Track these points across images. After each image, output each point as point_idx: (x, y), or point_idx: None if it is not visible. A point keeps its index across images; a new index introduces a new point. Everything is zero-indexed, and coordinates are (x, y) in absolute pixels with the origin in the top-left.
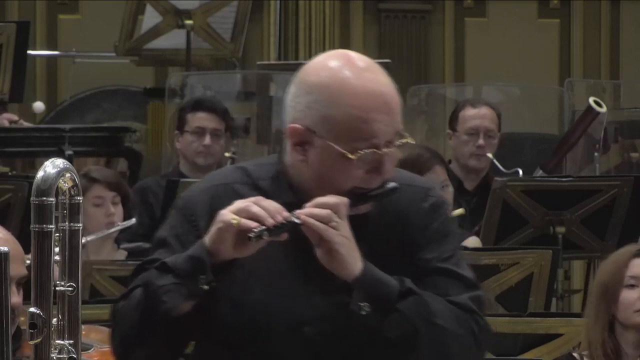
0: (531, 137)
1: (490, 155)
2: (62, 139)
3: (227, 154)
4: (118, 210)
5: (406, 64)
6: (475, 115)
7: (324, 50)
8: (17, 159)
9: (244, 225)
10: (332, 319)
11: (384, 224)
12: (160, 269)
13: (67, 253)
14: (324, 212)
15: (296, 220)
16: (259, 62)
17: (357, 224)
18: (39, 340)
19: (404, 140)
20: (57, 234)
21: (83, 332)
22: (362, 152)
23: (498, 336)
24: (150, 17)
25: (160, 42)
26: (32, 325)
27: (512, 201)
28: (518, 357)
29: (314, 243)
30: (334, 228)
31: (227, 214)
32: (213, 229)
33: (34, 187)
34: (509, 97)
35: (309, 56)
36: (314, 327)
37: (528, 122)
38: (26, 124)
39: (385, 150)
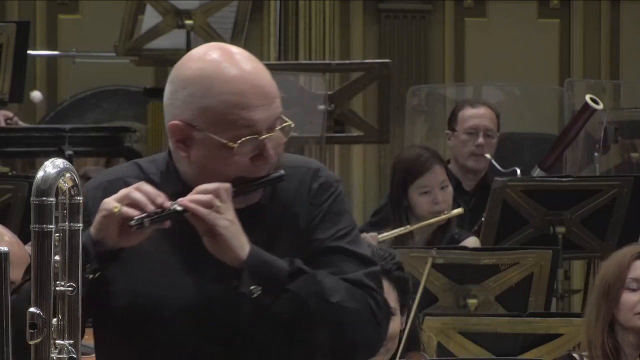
0: (531, 137)
1: (488, 155)
2: (62, 139)
3: None
4: None
5: (406, 64)
6: (475, 115)
7: (324, 50)
8: (17, 159)
9: (125, 213)
10: (223, 302)
11: (277, 210)
12: None
13: (67, 253)
14: (205, 197)
15: (178, 208)
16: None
17: (252, 213)
18: (39, 340)
19: (285, 124)
20: (57, 234)
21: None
22: (243, 139)
23: (498, 336)
24: (150, 17)
25: (160, 42)
26: (32, 325)
27: (512, 201)
28: (518, 357)
29: (200, 231)
30: (217, 212)
31: (110, 202)
32: (97, 217)
33: (34, 187)
34: (509, 97)
35: (309, 56)
36: (206, 312)
37: (528, 122)
38: (22, 123)
39: (266, 135)
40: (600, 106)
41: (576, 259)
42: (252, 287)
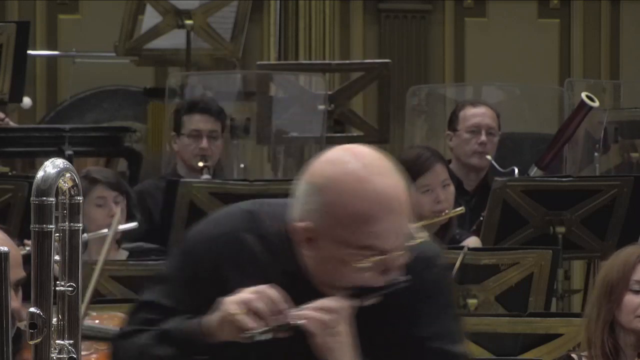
0: (531, 137)
1: (489, 157)
2: (62, 139)
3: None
4: (120, 210)
5: (406, 64)
6: (476, 114)
7: (324, 50)
8: (17, 159)
9: (243, 323)
10: None
11: (388, 306)
12: (160, 337)
13: (67, 253)
14: (326, 317)
15: (298, 322)
16: (259, 62)
17: (365, 311)
18: (39, 340)
19: (414, 242)
20: (57, 234)
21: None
22: (368, 259)
23: (498, 336)
24: (150, 17)
25: (160, 42)
26: (32, 325)
27: (512, 201)
28: (518, 357)
29: (312, 339)
30: (333, 334)
31: (230, 306)
32: (214, 316)
33: (34, 187)
34: (509, 97)
35: (309, 56)
36: None
37: (528, 122)
38: (12, 124)
39: (393, 254)
40: (596, 104)
41: (576, 259)
42: None
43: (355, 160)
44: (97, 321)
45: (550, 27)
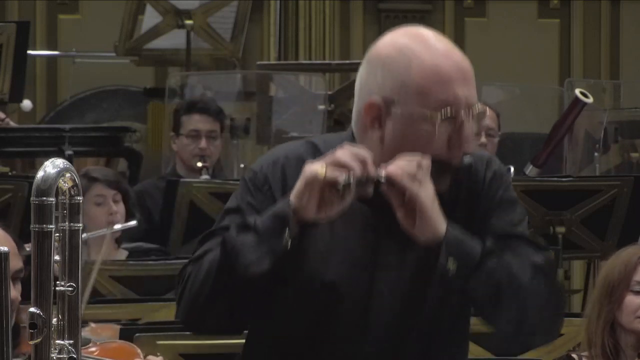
0: (531, 137)
1: None
2: (62, 139)
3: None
4: (120, 208)
5: None
6: None
7: (324, 50)
8: (17, 159)
9: (330, 176)
10: (414, 280)
11: (454, 197)
12: (240, 228)
13: (67, 253)
14: (411, 168)
15: (382, 178)
16: (259, 62)
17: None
18: (39, 340)
19: (482, 109)
20: (57, 234)
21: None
22: (444, 110)
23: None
24: (150, 17)
25: (160, 42)
26: (32, 325)
27: None
28: (518, 357)
29: (396, 204)
30: (420, 184)
31: (314, 166)
32: (298, 184)
33: (34, 187)
34: (509, 97)
35: (309, 56)
36: (391, 300)
37: (528, 122)
38: (13, 124)
39: (467, 113)
40: (590, 100)
41: (576, 259)
42: (449, 263)
43: (417, 33)
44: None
45: (550, 27)
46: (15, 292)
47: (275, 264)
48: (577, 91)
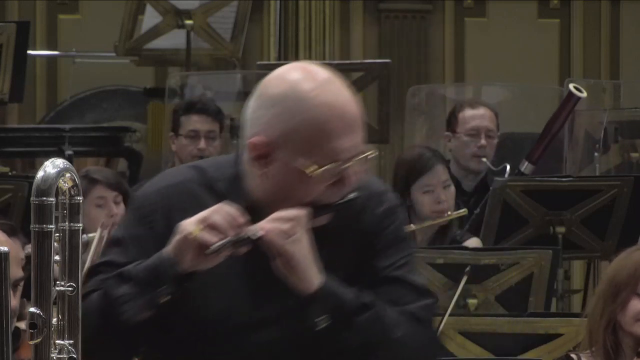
0: (531, 137)
1: (484, 159)
2: (62, 139)
3: None
4: (121, 210)
5: (406, 64)
6: (475, 116)
7: (324, 50)
8: (17, 159)
9: (203, 238)
10: (286, 327)
11: (340, 232)
12: (118, 277)
13: (67, 253)
14: (284, 226)
15: (254, 236)
16: (259, 62)
17: (316, 234)
18: (39, 340)
19: (367, 154)
20: (57, 234)
21: None
22: (323, 169)
23: (498, 336)
24: (150, 17)
25: (160, 42)
26: (32, 325)
27: (512, 201)
28: (518, 357)
29: (271, 255)
30: (294, 242)
31: (188, 225)
32: (174, 240)
33: (34, 187)
34: (509, 97)
35: (309, 56)
36: (267, 335)
37: (528, 122)
38: None
39: (347, 164)
40: (584, 94)
41: (576, 259)
42: (318, 320)
43: (307, 74)
44: None
45: (550, 27)
46: (14, 301)
47: (154, 313)
48: (571, 86)
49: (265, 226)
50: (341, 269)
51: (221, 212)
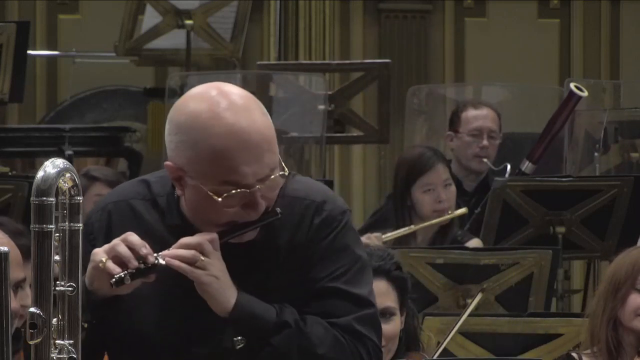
0: (531, 137)
1: (485, 159)
2: (62, 139)
3: None
4: None
5: (406, 64)
6: (478, 116)
7: (324, 50)
8: (17, 159)
9: (108, 269)
10: (211, 345)
11: (275, 246)
12: None
13: (67, 253)
14: (188, 253)
15: (162, 262)
16: (259, 62)
17: (248, 250)
18: (39, 340)
19: (279, 173)
20: (57, 234)
21: None
22: (228, 194)
23: (498, 336)
24: (150, 17)
25: (160, 42)
26: (32, 325)
27: (512, 201)
28: (518, 357)
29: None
30: (201, 267)
31: (98, 254)
32: (88, 268)
33: (34, 187)
34: (509, 97)
35: (309, 56)
36: (195, 352)
37: (528, 122)
38: None
39: (255, 187)
40: (585, 93)
41: (576, 259)
42: (236, 340)
43: (215, 96)
44: None
45: (550, 27)
46: (16, 302)
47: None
48: (572, 85)
49: (166, 254)
50: (278, 286)
51: (125, 242)
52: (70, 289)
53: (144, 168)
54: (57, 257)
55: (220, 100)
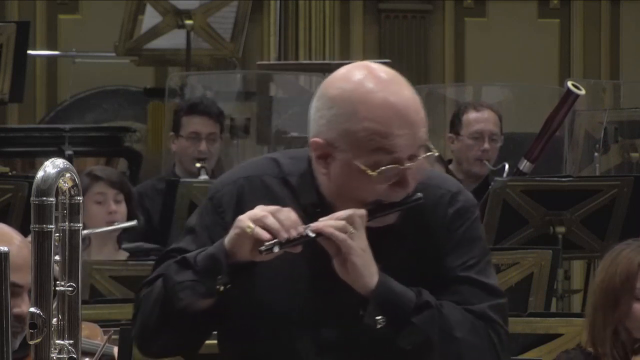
0: (531, 137)
1: (487, 162)
2: (62, 139)
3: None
4: (121, 209)
5: (406, 64)
6: (479, 119)
7: (324, 50)
8: (17, 159)
9: (257, 235)
10: (345, 326)
11: (411, 232)
12: (181, 263)
13: (67, 253)
14: (339, 223)
15: (311, 234)
16: (259, 62)
17: (385, 234)
18: (39, 340)
19: (429, 153)
20: (57, 234)
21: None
22: (383, 168)
23: None
24: (150, 17)
25: (160, 42)
26: (32, 325)
27: (512, 201)
28: (518, 357)
29: (331, 253)
30: (350, 239)
31: (245, 221)
32: (231, 233)
33: (34, 187)
34: (509, 97)
35: (309, 56)
36: (332, 329)
37: (528, 122)
38: None
39: (407, 164)
40: (582, 92)
41: (576, 259)
42: (377, 318)
43: (368, 74)
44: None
45: (550, 27)
46: (27, 306)
47: (212, 302)
48: (569, 83)
49: (317, 225)
50: (409, 270)
51: (277, 216)
52: (70, 289)
53: (144, 168)
54: (57, 257)
55: (375, 74)
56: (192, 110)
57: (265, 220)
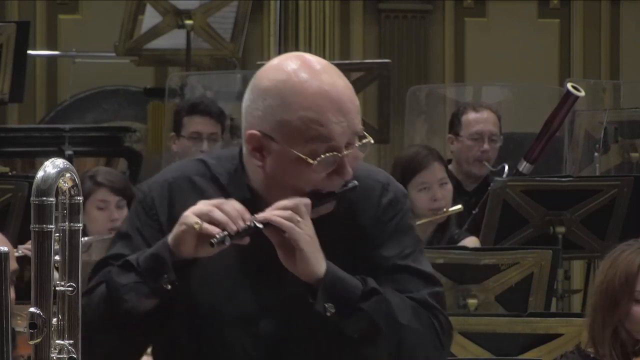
0: (531, 137)
1: (486, 163)
2: (62, 139)
3: None
4: (123, 215)
5: (406, 64)
6: (479, 120)
7: (324, 50)
8: (17, 159)
9: (206, 230)
10: (290, 315)
11: (344, 221)
12: (123, 267)
13: (67, 253)
14: (285, 212)
15: (259, 225)
16: (259, 62)
17: (320, 224)
18: (39, 340)
19: (365, 141)
20: (57, 234)
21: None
22: (322, 157)
23: (498, 336)
24: (150, 17)
25: (160, 42)
26: (32, 325)
27: (512, 201)
28: (518, 357)
29: (275, 244)
30: (299, 227)
31: (190, 217)
32: (175, 230)
33: (34, 187)
34: (509, 97)
35: None
36: (271, 323)
37: (528, 122)
38: None
39: (345, 152)
40: (582, 93)
41: (576, 259)
42: (326, 305)
43: (301, 64)
44: None
45: (550, 27)
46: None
47: (157, 302)
48: (569, 85)
49: (266, 215)
50: (343, 260)
51: (223, 209)
52: (70, 289)
53: (144, 168)
54: (57, 257)
55: (309, 64)
56: (193, 110)
57: (212, 214)
